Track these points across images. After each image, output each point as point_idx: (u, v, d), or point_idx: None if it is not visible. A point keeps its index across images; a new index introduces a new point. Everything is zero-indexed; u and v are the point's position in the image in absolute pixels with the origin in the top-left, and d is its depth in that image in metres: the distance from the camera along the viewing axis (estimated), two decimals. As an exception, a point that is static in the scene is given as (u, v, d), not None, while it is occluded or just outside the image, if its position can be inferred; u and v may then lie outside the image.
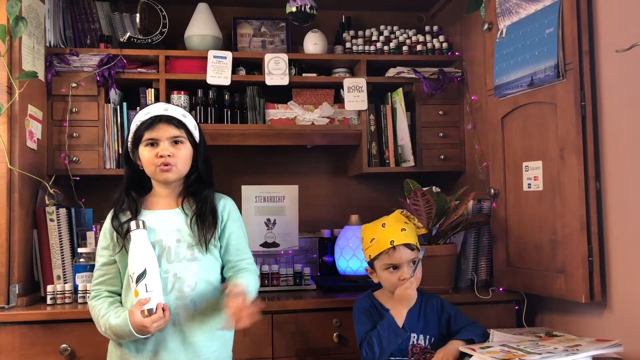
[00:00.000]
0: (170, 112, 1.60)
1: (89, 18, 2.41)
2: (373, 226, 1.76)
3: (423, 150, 2.48)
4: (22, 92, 1.95)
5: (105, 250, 1.61)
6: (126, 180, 1.65)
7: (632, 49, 1.56)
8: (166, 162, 1.57)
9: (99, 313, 1.54)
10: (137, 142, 1.60)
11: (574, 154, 1.71)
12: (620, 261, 1.65)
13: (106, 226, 1.63)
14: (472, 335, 1.67)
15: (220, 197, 1.68)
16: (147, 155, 1.58)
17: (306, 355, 1.97)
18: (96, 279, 1.61)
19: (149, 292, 1.47)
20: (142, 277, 1.48)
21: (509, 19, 1.98)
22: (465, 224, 2.06)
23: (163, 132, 1.58)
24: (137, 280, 1.48)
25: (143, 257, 1.50)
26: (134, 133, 1.61)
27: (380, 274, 1.73)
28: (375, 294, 1.79)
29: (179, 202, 1.64)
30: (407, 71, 2.47)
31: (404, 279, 1.65)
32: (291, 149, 2.69)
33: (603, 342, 1.53)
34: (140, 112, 1.63)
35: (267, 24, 2.63)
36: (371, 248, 1.72)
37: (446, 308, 1.76)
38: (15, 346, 1.82)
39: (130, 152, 1.64)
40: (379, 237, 1.70)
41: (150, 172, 1.60)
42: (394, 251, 1.67)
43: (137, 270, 1.49)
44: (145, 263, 1.49)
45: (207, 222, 1.60)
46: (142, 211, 1.61)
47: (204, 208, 1.61)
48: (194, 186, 1.66)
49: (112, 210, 1.63)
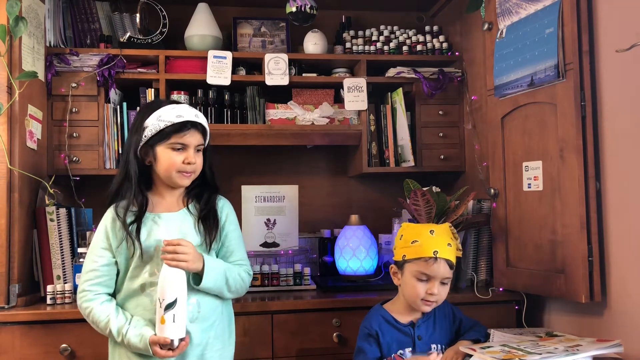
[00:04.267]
0: (200, 120, 1.60)
1: (89, 18, 2.41)
2: (419, 228, 1.67)
3: (423, 150, 2.48)
4: (22, 92, 1.95)
5: (105, 251, 1.58)
6: (135, 176, 1.58)
7: (632, 49, 1.56)
8: (191, 169, 1.59)
9: (102, 319, 1.53)
10: (158, 141, 1.57)
11: (574, 154, 1.71)
12: (620, 261, 1.65)
13: (107, 225, 1.59)
14: (478, 336, 1.67)
15: (219, 199, 1.70)
16: (171, 158, 1.57)
17: (306, 355, 1.96)
18: (92, 279, 1.57)
19: (175, 322, 1.46)
20: (172, 306, 1.45)
21: (509, 19, 1.98)
22: (465, 224, 2.06)
23: (193, 139, 1.59)
24: (165, 308, 1.45)
25: (177, 286, 1.47)
26: (159, 131, 1.55)
27: (407, 278, 1.62)
28: (386, 306, 1.69)
29: (184, 203, 1.65)
30: (407, 71, 2.47)
31: (431, 294, 1.59)
32: (291, 149, 2.69)
33: (603, 342, 1.53)
34: (168, 110, 1.57)
35: (267, 24, 2.63)
36: (410, 249, 1.61)
37: (457, 314, 1.73)
38: (15, 346, 1.82)
39: (143, 149, 1.58)
40: (423, 242, 1.60)
41: (167, 174, 1.59)
42: (435, 262, 1.58)
43: (167, 299, 1.46)
44: (177, 293, 1.47)
45: (210, 223, 1.62)
46: (146, 214, 1.59)
47: (209, 210, 1.63)
48: (197, 189, 1.67)
49: (113, 209, 1.60)
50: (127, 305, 1.58)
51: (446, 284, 1.62)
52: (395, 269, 1.68)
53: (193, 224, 1.62)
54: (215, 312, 1.62)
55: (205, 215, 1.63)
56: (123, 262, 1.58)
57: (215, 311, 1.62)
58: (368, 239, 2.27)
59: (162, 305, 1.46)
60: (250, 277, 1.69)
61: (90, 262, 1.59)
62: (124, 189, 1.59)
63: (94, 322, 1.56)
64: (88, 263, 1.59)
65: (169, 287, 1.46)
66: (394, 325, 1.63)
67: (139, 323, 1.53)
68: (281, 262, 2.28)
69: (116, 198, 1.60)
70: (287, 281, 2.17)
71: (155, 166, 1.60)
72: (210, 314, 1.60)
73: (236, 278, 1.63)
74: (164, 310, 1.45)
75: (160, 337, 1.46)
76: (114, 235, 1.58)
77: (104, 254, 1.59)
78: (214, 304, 1.61)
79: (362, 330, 1.65)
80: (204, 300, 1.58)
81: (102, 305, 1.55)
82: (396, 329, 1.63)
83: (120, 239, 1.57)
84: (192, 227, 1.61)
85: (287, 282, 2.17)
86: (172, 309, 1.45)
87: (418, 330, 1.64)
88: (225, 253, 1.67)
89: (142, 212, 1.57)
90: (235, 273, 1.63)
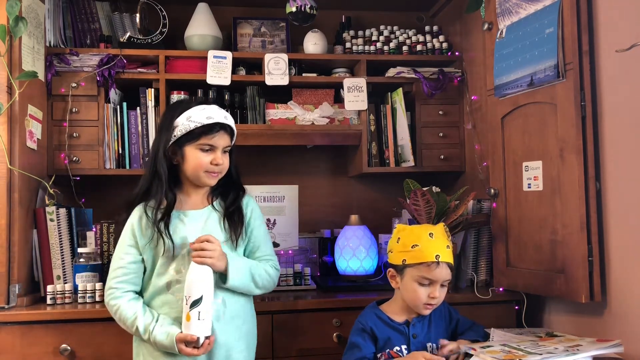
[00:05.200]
0: (229, 121, 1.63)
1: (89, 18, 2.41)
2: (418, 231, 1.63)
3: (423, 150, 2.48)
4: (22, 92, 1.95)
5: (132, 248, 1.60)
6: (165, 175, 1.59)
7: (632, 49, 1.56)
8: (218, 170, 1.61)
9: (129, 316, 1.54)
10: (187, 141, 1.58)
11: (574, 154, 1.71)
12: (620, 261, 1.65)
13: (134, 224, 1.60)
14: (477, 336, 1.68)
15: (244, 196, 1.73)
16: (200, 159, 1.59)
17: (306, 355, 1.96)
18: (119, 277, 1.58)
19: (200, 319, 1.47)
20: (197, 304, 1.47)
21: (509, 19, 1.98)
22: (465, 224, 2.06)
23: (222, 141, 1.61)
24: (191, 306, 1.47)
25: (203, 284, 1.49)
26: (189, 132, 1.57)
27: (408, 283, 1.60)
28: (382, 307, 1.69)
29: (209, 200, 1.68)
30: (407, 71, 2.47)
31: (433, 297, 1.58)
32: (291, 149, 2.69)
33: (603, 342, 1.53)
34: (198, 111, 1.58)
35: (267, 24, 2.63)
36: (410, 254, 1.59)
37: (454, 315, 1.73)
38: (15, 346, 1.82)
39: (170, 148, 1.59)
40: (423, 246, 1.58)
41: (195, 173, 1.61)
42: (437, 266, 1.57)
43: (193, 295, 1.47)
44: (203, 290, 1.48)
45: (236, 220, 1.65)
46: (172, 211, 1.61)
47: (235, 206, 1.66)
48: (222, 187, 1.69)
49: (142, 207, 1.61)
50: (153, 303, 1.60)
51: (446, 286, 1.62)
52: (394, 273, 1.66)
53: (218, 220, 1.65)
54: (242, 312, 1.65)
55: (231, 213, 1.66)
56: (150, 259, 1.60)
57: (242, 311, 1.65)
58: (368, 239, 2.27)
59: (188, 302, 1.47)
60: (277, 272, 1.72)
61: (117, 260, 1.60)
62: (154, 187, 1.59)
63: (120, 319, 1.57)
64: (115, 261, 1.61)
65: (196, 284, 1.48)
66: (389, 324, 1.63)
67: (165, 321, 1.55)
68: (281, 262, 2.28)
69: (146, 197, 1.61)
70: (287, 281, 2.17)
71: (183, 165, 1.62)
72: (236, 313, 1.62)
73: (262, 274, 1.65)
74: (190, 307, 1.46)
75: (187, 334, 1.48)
76: (141, 233, 1.59)
77: (131, 252, 1.60)
78: (239, 303, 1.64)
79: (356, 325, 1.65)
80: (230, 299, 1.61)
81: (129, 302, 1.56)
82: (391, 328, 1.63)
83: (147, 236, 1.58)
84: (217, 224, 1.64)
85: (287, 282, 2.17)
86: (198, 306, 1.46)
87: (413, 328, 1.63)
88: (252, 249, 1.71)
89: (170, 209, 1.59)
90: (261, 269, 1.65)
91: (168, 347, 1.51)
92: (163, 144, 1.59)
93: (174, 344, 1.49)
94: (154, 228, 1.57)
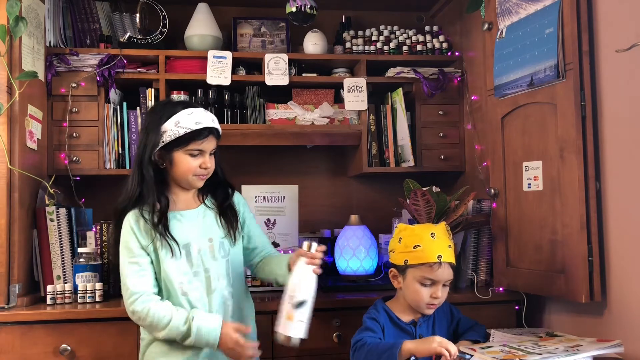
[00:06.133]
0: (216, 125, 1.63)
1: (89, 18, 2.41)
2: (419, 231, 1.64)
3: (423, 150, 2.48)
4: (22, 92, 1.95)
5: (142, 250, 1.57)
6: (152, 180, 1.58)
7: (632, 49, 1.56)
8: (207, 173, 1.63)
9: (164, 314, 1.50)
10: (175, 146, 1.57)
11: (574, 154, 1.71)
12: (620, 261, 1.65)
13: (132, 227, 1.58)
14: (478, 337, 1.68)
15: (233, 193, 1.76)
16: (189, 163, 1.59)
17: (306, 355, 1.96)
18: (139, 281, 1.54)
19: (302, 321, 1.47)
20: (302, 305, 1.47)
21: (509, 19, 1.98)
22: (465, 224, 2.06)
23: (210, 145, 1.62)
24: (296, 306, 1.47)
25: (311, 286, 1.50)
26: (178, 138, 1.55)
27: (410, 283, 1.61)
28: (388, 304, 1.69)
29: (200, 199, 1.69)
30: (407, 71, 2.47)
31: (436, 297, 1.59)
32: (291, 149, 2.69)
33: (604, 342, 1.53)
34: (185, 116, 1.56)
35: (267, 24, 2.63)
36: (412, 255, 1.60)
37: (455, 314, 1.74)
38: (15, 346, 1.82)
39: (158, 152, 1.58)
40: (425, 247, 1.59)
41: (184, 178, 1.61)
42: (439, 267, 1.58)
43: (299, 297, 1.47)
44: (310, 293, 1.49)
45: (230, 216, 1.68)
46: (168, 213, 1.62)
47: (227, 202, 1.69)
48: (210, 185, 1.70)
49: (136, 212, 1.58)
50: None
51: (448, 285, 1.63)
52: (396, 273, 1.66)
53: (214, 218, 1.68)
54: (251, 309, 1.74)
55: (225, 210, 1.69)
56: (155, 263, 1.60)
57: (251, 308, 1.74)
58: (368, 239, 2.27)
59: (293, 301, 1.47)
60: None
61: (130, 265, 1.56)
62: (145, 192, 1.58)
63: (153, 322, 1.50)
64: (128, 266, 1.56)
65: (305, 287, 1.49)
66: (397, 324, 1.64)
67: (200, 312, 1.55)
68: (281, 262, 2.28)
69: (138, 203, 1.59)
70: (287, 281, 2.17)
71: (171, 170, 1.61)
72: (247, 312, 1.70)
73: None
74: (295, 307, 1.47)
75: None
76: (141, 235, 1.58)
77: (141, 253, 1.58)
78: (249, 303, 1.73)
79: (369, 314, 1.65)
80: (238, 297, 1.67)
81: (158, 304, 1.53)
82: (398, 328, 1.64)
83: (148, 238, 1.57)
84: (214, 221, 1.67)
85: (287, 282, 2.17)
86: (302, 307, 1.47)
87: (420, 329, 1.64)
88: (253, 241, 1.75)
89: (165, 211, 1.59)
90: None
91: (213, 329, 1.49)
92: (150, 149, 1.57)
93: (219, 325, 1.49)
94: (152, 231, 1.56)
